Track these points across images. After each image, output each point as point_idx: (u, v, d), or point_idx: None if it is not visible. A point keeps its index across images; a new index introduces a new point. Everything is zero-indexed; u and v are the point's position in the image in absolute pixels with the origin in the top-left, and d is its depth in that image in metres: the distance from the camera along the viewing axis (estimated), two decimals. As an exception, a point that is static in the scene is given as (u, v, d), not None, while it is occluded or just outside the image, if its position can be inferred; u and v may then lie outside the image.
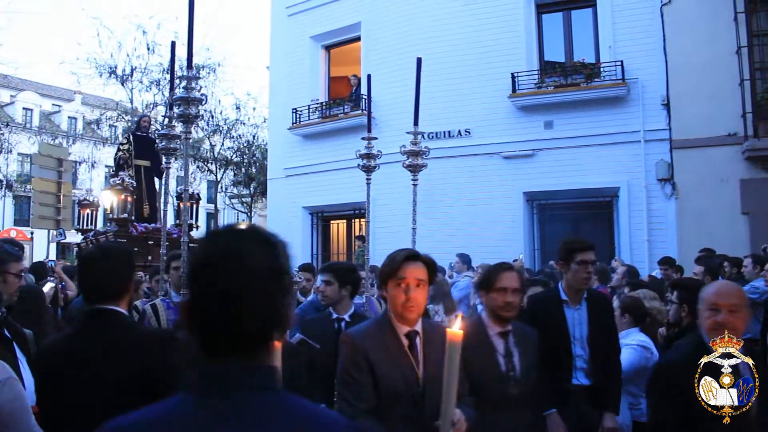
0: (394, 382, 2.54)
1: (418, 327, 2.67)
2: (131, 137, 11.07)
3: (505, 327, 3.19)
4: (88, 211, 11.19)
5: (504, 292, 3.16)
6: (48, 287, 5.85)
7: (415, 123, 4.68)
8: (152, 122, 12.76)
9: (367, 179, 5.30)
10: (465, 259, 9.42)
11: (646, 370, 3.75)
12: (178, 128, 4.53)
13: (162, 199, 6.99)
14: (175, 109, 3.92)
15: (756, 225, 10.03)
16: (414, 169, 4.98)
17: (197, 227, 11.47)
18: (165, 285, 4.51)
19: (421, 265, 2.63)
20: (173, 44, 4.69)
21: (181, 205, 5.23)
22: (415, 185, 4.97)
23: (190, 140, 4.80)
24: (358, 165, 5.21)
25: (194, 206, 10.96)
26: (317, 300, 4.77)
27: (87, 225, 11.20)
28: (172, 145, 4.87)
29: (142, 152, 10.83)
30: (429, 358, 2.60)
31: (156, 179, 11.47)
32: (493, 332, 3.19)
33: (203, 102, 3.92)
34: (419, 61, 4.82)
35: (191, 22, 3.70)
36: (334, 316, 4.16)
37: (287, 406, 1.14)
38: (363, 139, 5.18)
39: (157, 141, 5.02)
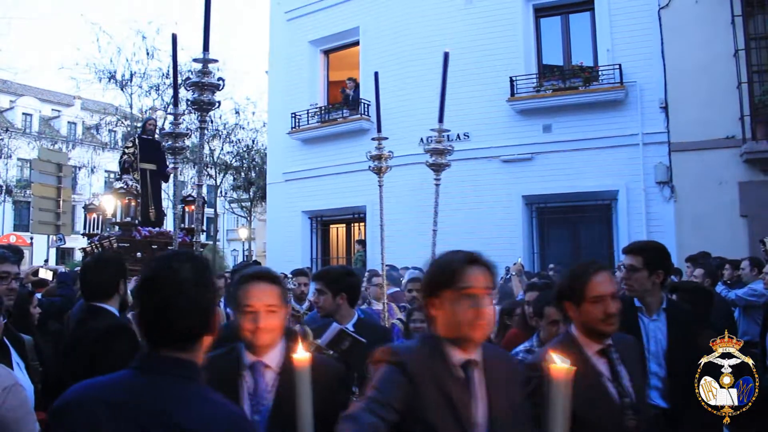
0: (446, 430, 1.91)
1: (477, 354, 2.02)
2: (137, 140, 10.97)
3: (604, 342, 2.52)
4: (94, 215, 11.14)
5: (602, 302, 2.46)
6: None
7: (440, 120, 4.47)
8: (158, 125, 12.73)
9: (379, 181, 5.19)
10: None
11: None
12: (184, 124, 4.40)
13: (171, 203, 6.87)
14: (188, 95, 3.61)
15: (754, 227, 10.03)
16: (438, 168, 4.66)
17: (204, 231, 11.40)
18: None
19: (486, 271, 2.03)
20: (174, 37, 4.40)
21: (186, 209, 5.16)
22: (437, 185, 4.75)
23: (190, 146, 4.73)
24: (369, 167, 5.05)
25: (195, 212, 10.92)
26: (376, 311, 4.53)
27: (93, 229, 11.13)
28: (178, 144, 4.76)
29: (148, 155, 10.71)
30: (493, 398, 1.99)
31: (162, 183, 11.42)
32: (591, 351, 2.51)
33: (220, 88, 3.57)
34: (446, 55, 4.67)
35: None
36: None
37: (198, 393, 1.54)
38: (373, 139, 5.02)
39: (162, 139, 4.83)
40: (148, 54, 23.35)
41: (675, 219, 11.06)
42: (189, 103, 3.68)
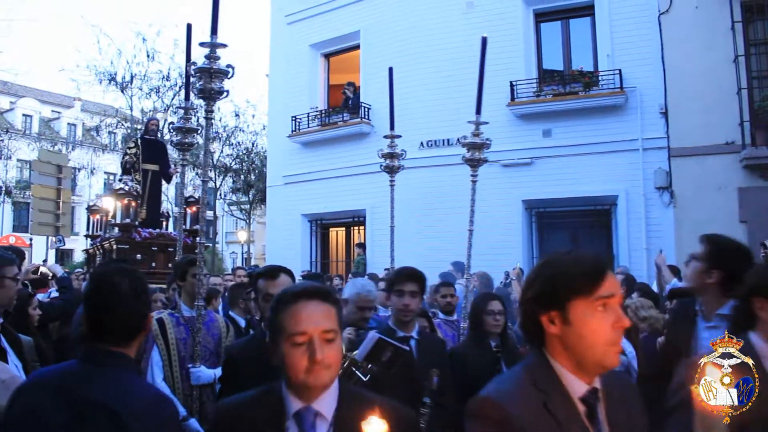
0: None
1: (597, 382, 1.60)
2: (139, 141, 10.81)
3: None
4: (97, 216, 11.08)
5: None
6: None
7: (478, 111, 4.41)
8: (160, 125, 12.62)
9: (391, 181, 5.12)
10: (459, 267, 9.41)
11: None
12: (194, 119, 4.28)
13: (172, 204, 6.76)
14: (196, 83, 3.47)
15: (754, 233, 10.01)
16: (475, 164, 4.75)
17: (204, 233, 11.27)
18: (175, 295, 4.15)
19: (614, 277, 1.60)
20: (189, 27, 4.22)
21: (188, 210, 5.06)
22: (474, 182, 4.82)
23: (194, 146, 4.61)
24: (380, 165, 5.12)
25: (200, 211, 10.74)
26: (382, 317, 4.11)
27: (96, 231, 11.06)
28: (187, 140, 4.53)
29: (151, 156, 10.57)
30: (615, 430, 1.59)
31: (165, 183, 11.30)
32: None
33: (228, 75, 3.47)
34: (484, 40, 4.67)
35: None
36: (400, 334, 3.42)
37: (128, 379, 1.88)
38: (385, 137, 5.08)
39: (172, 134, 4.68)
40: (148, 56, 23.43)
41: (674, 224, 11.05)
42: (197, 91, 3.54)
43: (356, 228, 14.88)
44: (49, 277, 6.79)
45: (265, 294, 3.01)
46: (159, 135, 11.99)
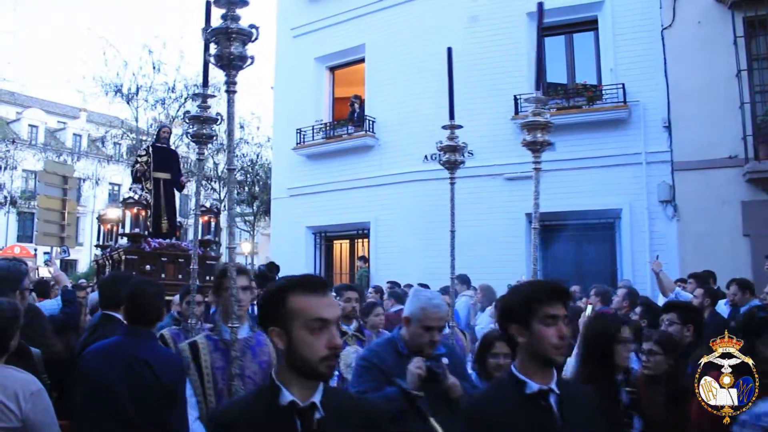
0: None
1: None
2: (150, 149, 10.49)
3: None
4: (108, 226, 10.98)
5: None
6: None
7: (537, 87, 4.09)
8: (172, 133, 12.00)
9: (451, 178, 4.72)
10: (463, 279, 9.43)
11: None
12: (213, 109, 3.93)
13: (192, 213, 6.45)
14: (212, 59, 2.96)
15: (757, 247, 10.03)
16: (537, 146, 4.11)
17: (218, 243, 10.81)
18: (213, 315, 3.67)
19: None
20: (208, 3, 3.54)
21: (200, 220, 5.01)
22: (538, 169, 4.28)
23: (213, 138, 4.20)
24: (440, 161, 4.60)
25: (212, 221, 10.08)
26: (397, 336, 3.18)
27: (107, 241, 10.88)
28: (205, 131, 4.03)
29: (162, 164, 10.23)
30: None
31: (177, 192, 10.88)
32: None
33: (252, 38, 2.96)
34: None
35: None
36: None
37: (154, 345, 3.19)
38: (444, 127, 4.58)
39: (189, 124, 4.21)
40: (154, 68, 23.58)
41: (678, 238, 11.06)
42: (216, 58, 2.93)
43: (360, 240, 14.91)
44: (52, 284, 6.76)
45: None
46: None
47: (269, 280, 3.59)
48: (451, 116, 4.60)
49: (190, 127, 4.09)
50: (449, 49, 4.51)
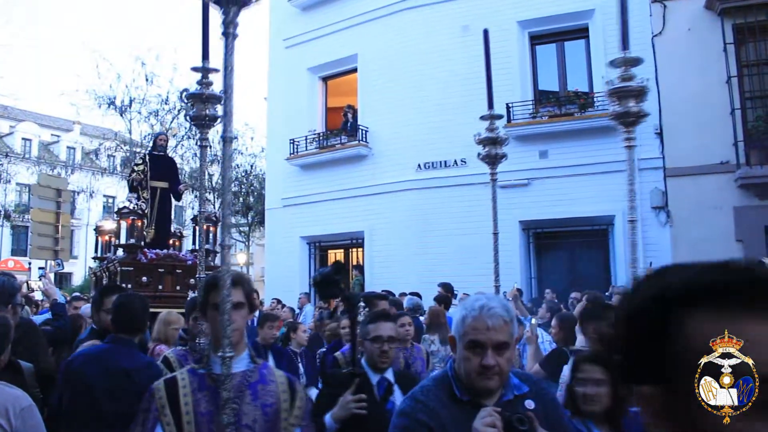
0: None
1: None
2: (147, 157, 10.16)
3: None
4: (106, 238, 10.89)
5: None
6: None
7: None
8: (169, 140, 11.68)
9: (492, 174, 4.38)
10: (447, 288, 9.40)
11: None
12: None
13: (198, 221, 6.15)
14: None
15: (750, 252, 10.07)
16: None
17: (216, 253, 10.74)
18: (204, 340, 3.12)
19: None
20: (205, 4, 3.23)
21: (200, 225, 4.68)
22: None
23: (216, 121, 3.57)
24: (479, 154, 4.35)
25: (211, 231, 9.72)
26: (450, 371, 1.82)
27: (105, 252, 10.69)
28: (207, 112, 3.37)
29: (159, 173, 9.98)
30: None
31: (174, 201, 10.68)
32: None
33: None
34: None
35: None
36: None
37: (133, 353, 3.37)
38: (482, 118, 4.30)
39: (188, 104, 3.84)
40: (147, 80, 23.58)
41: (671, 244, 11.10)
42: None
43: (355, 250, 14.91)
44: (41, 300, 6.71)
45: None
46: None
47: (335, 286, 2.81)
48: (490, 105, 4.19)
49: (190, 107, 3.56)
50: (485, 31, 4.22)
